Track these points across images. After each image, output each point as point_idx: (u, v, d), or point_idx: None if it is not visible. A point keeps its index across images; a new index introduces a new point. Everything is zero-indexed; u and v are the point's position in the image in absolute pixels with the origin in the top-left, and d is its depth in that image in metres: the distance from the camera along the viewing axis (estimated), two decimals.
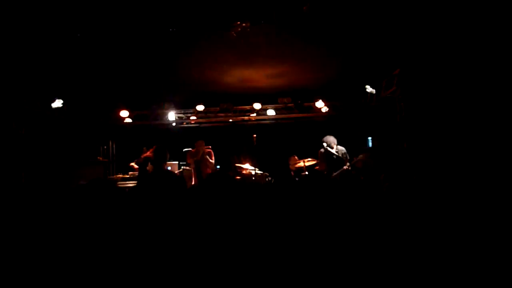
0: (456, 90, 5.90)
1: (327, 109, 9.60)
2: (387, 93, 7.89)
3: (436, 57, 6.16)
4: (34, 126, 7.87)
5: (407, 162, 6.95)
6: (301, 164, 7.97)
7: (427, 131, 6.67)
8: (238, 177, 7.16)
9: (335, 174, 6.77)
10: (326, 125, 10.22)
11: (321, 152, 7.15)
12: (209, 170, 7.51)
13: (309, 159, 7.94)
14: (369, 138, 9.20)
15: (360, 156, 8.15)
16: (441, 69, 6.20)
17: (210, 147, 7.93)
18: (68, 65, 6.42)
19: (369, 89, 8.07)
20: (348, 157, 7.06)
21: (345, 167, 6.74)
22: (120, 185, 7.21)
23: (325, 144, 6.91)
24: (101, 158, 9.45)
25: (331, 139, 6.98)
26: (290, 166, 8.44)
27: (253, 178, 7.77)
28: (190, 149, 8.04)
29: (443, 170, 5.98)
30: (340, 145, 7.18)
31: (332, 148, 6.94)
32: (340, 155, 6.95)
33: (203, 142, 7.87)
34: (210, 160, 7.72)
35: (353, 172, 6.59)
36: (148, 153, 7.01)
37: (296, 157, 8.41)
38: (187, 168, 8.27)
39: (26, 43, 5.38)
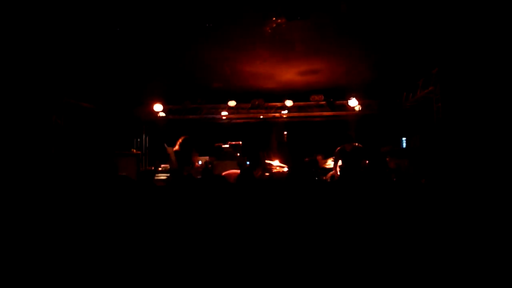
0: (498, 91, 5.73)
1: (360, 108, 9.53)
2: (424, 92, 7.76)
3: (477, 55, 5.99)
4: (73, 118, 8.26)
5: (443, 164, 6.80)
6: (328, 164, 7.98)
7: (466, 134, 6.51)
8: (267, 174, 7.23)
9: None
10: (359, 124, 10.12)
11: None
12: None
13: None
14: (403, 139, 9.06)
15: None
16: (482, 68, 6.03)
17: None
18: (104, 58, 6.66)
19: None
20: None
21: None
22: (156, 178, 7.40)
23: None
24: (134, 151, 9.78)
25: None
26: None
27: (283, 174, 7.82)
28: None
29: (481, 174, 5.81)
30: (373, 146, 7.08)
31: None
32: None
33: None
34: None
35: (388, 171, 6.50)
36: (176, 147, 6.93)
37: (321, 157, 8.42)
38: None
39: (67, 38, 5.67)
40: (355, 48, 6.25)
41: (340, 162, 6.98)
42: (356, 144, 6.85)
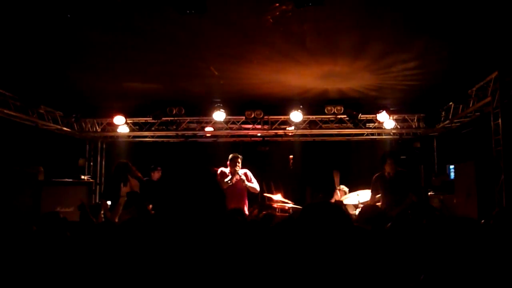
0: None
1: (394, 124, 9.41)
2: (478, 106, 7.68)
3: None
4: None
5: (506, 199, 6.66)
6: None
7: None
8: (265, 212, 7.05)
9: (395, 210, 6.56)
10: (391, 146, 9.99)
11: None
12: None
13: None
14: (451, 166, 8.93)
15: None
16: None
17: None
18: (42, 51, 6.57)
19: None
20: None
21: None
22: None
23: None
24: (85, 178, 9.57)
25: None
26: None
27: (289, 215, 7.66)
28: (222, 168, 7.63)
29: None
30: (409, 174, 6.97)
31: None
32: None
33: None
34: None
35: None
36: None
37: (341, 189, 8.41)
38: None
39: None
40: (384, 42, 6.14)
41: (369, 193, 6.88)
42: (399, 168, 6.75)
